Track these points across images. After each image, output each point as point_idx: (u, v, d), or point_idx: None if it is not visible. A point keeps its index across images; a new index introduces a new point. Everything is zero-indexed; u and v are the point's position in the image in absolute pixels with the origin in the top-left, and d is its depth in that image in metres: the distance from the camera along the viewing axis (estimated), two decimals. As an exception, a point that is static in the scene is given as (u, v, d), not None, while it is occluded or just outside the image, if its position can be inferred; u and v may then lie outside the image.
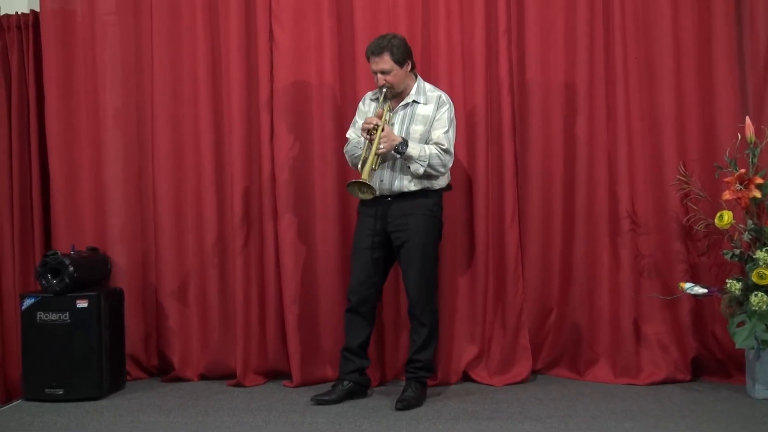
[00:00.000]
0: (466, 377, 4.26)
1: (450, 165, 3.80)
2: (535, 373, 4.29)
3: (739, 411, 3.67)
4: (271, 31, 4.26)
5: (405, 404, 3.76)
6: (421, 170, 3.70)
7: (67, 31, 4.43)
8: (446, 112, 3.80)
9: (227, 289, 4.37)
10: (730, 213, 3.88)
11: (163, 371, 4.46)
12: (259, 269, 4.34)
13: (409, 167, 3.72)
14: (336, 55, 4.27)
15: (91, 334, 4.04)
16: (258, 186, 4.33)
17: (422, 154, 3.70)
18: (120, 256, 4.44)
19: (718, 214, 3.89)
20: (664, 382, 4.10)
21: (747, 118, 3.95)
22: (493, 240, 4.26)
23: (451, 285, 4.23)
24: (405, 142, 3.70)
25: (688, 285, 3.97)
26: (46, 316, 4.03)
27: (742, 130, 3.93)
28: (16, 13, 4.52)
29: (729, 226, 3.88)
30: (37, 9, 4.46)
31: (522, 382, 4.18)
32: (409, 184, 3.76)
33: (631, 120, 4.20)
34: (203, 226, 4.38)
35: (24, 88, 4.48)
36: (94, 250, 4.36)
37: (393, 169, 3.77)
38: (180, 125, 4.41)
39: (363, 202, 3.81)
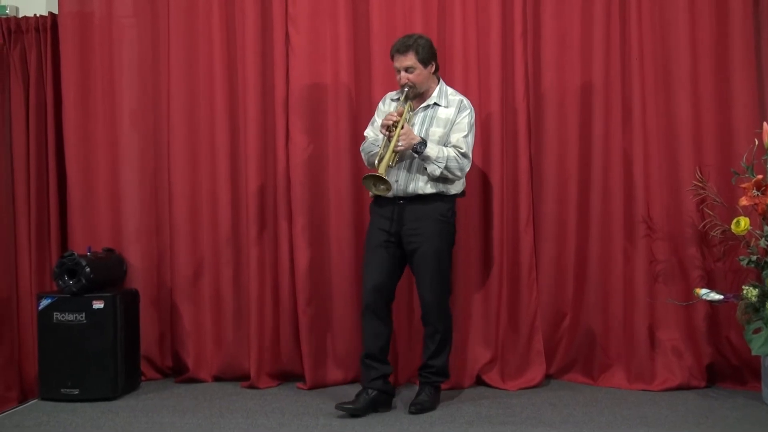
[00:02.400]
0: (479, 381, 4.25)
1: (467, 170, 3.77)
2: (548, 377, 4.28)
3: (754, 418, 3.65)
4: (287, 33, 4.27)
5: (419, 408, 3.76)
6: (438, 171, 3.67)
7: (84, 33, 4.45)
8: (467, 117, 3.77)
9: (241, 290, 4.38)
10: (747, 219, 3.85)
11: (178, 372, 4.48)
12: (273, 270, 4.35)
13: (425, 168, 3.70)
14: (351, 57, 4.27)
15: (106, 334, 4.06)
16: (273, 187, 4.34)
17: (440, 155, 3.67)
18: (135, 257, 4.46)
19: (735, 220, 3.87)
20: (678, 389, 4.09)
21: (765, 123, 3.92)
22: (507, 244, 4.25)
23: (466, 289, 4.22)
24: (424, 142, 3.67)
25: (703, 291, 3.95)
26: (63, 317, 4.06)
27: (760, 135, 3.90)
28: (35, 15, 4.54)
29: (745, 232, 3.86)
30: (56, 11, 4.48)
31: (536, 386, 4.18)
32: (425, 186, 3.72)
33: (647, 124, 4.18)
34: (218, 228, 4.40)
35: (42, 90, 4.51)
36: (109, 251, 4.39)
37: (409, 170, 3.73)
38: (196, 127, 4.43)
39: (376, 202, 3.80)
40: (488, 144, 4.24)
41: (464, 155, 3.73)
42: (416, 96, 3.79)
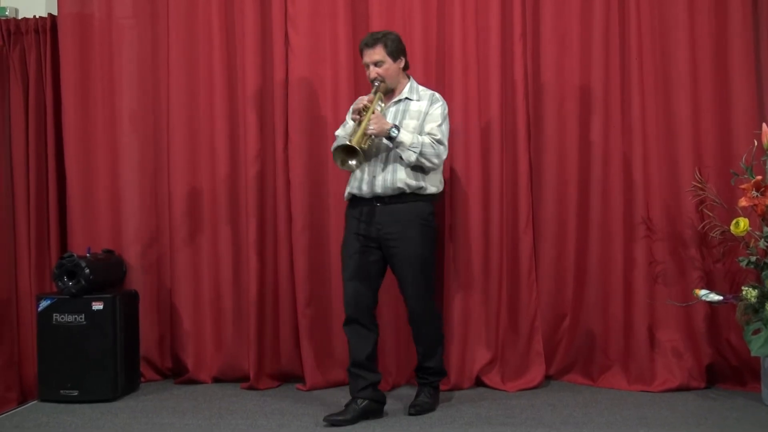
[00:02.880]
0: (479, 382, 4.24)
1: (444, 157, 3.68)
2: (548, 378, 4.28)
3: (754, 419, 3.64)
4: (286, 34, 4.28)
5: (418, 409, 3.74)
6: (414, 157, 3.57)
7: (84, 35, 4.45)
8: (439, 108, 3.71)
9: (241, 291, 4.38)
10: (746, 220, 3.84)
11: (177, 373, 4.47)
12: (272, 272, 4.35)
13: (401, 158, 3.60)
14: (351, 58, 4.26)
15: (106, 335, 4.06)
16: (272, 188, 4.34)
17: (414, 141, 3.59)
18: (135, 258, 4.47)
19: (734, 221, 3.86)
20: (678, 390, 4.08)
21: (764, 124, 3.91)
22: (507, 245, 4.24)
23: (465, 290, 4.21)
24: (396, 128, 3.58)
25: (703, 292, 3.94)
26: (62, 318, 4.06)
27: (759, 136, 3.90)
28: (34, 16, 4.54)
29: (745, 233, 3.85)
30: (55, 12, 4.48)
31: (535, 387, 4.17)
32: (404, 178, 3.61)
33: (647, 126, 4.17)
34: (218, 229, 4.40)
35: (41, 92, 4.51)
36: (109, 252, 4.39)
37: (385, 164, 3.64)
38: (195, 128, 4.43)
39: (352, 204, 3.73)
40: (488, 144, 4.23)
41: (439, 142, 3.65)
42: (387, 91, 3.73)
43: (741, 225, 3.84)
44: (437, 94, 3.78)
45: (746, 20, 4.12)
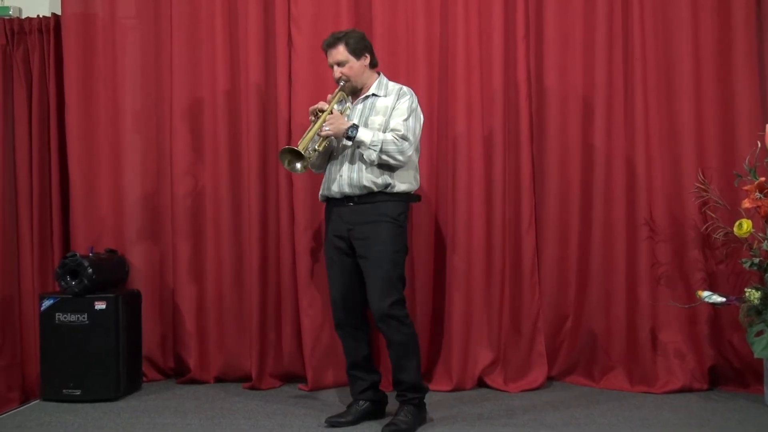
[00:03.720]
0: (481, 383, 4.24)
1: (409, 153, 3.51)
2: (550, 379, 4.28)
3: (756, 421, 3.64)
4: (289, 34, 4.28)
5: (393, 429, 3.51)
6: (374, 156, 3.45)
7: (87, 35, 4.46)
8: (406, 102, 3.57)
9: (243, 291, 4.38)
10: (749, 221, 3.84)
11: (179, 373, 4.48)
12: (275, 272, 4.35)
13: (363, 156, 3.51)
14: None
15: (108, 335, 4.06)
16: (275, 189, 4.33)
17: (375, 139, 3.46)
18: (138, 258, 4.47)
19: (737, 223, 3.85)
20: (680, 391, 4.07)
21: (767, 126, 3.91)
22: (509, 246, 4.25)
23: (467, 290, 4.20)
24: (355, 127, 3.48)
25: (706, 293, 3.94)
26: (65, 317, 4.06)
27: (762, 138, 3.90)
28: (38, 16, 4.55)
29: (748, 234, 3.84)
30: (59, 12, 4.48)
31: (537, 388, 4.17)
32: (369, 176, 3.50)
33: (650, 127, 4.17)
34: (220, 229, 4.40)
35: (44, 91, 4.51)
36: (112, 252, 4.39)
37: (351, 161, 3.55)
38: (198, 128, 4.43)
39: (328, 208, 3.67)
40: (490, 145, 4.23)
41: (403, 137, 3.49)
42: (353, 91, 3.66)
43: (744, 226, 3.83)
44: (405, 88, 3.65)
45: (750, 20, 4.12)
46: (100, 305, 4.05)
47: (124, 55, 4.47)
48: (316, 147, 3.49)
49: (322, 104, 3.55)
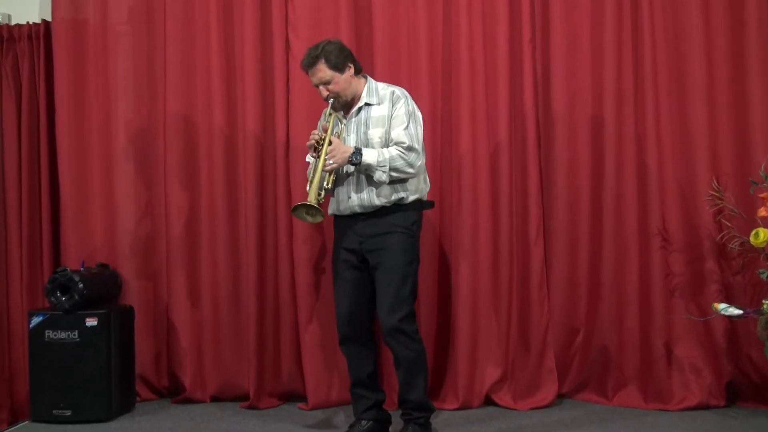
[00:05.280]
0: (488, 401, 4.16)
1: (419, 163, 3.44)
2: (561, 397, 4.20)
3: (777, 439, 3.54)
4: (287, 39, 4.23)
5: None
6: (385, 177, 3.38)
7: (78, 42, 4.43)
8: (402, 107, 3.46)
9: (240, 306, 4.32)
10: (766, 230, 3.73)
11: (174, 392, 4.41)
12: (273, 286, 4.28)
13: (373, 178, 3.42)
14: (354, 65, 4.20)
15: (100, 353, 4.00)
16: (273, 199, 4.27)
17: (381, 159, 3.37)
18: (130, 272, 4.42)
19: (754, 232, 3.75)
20: (697, 408, 3.98)
21: (784, 130, 3.84)
22: (517, 257, 4.17)
23: (473, 304, 4.13)
24: (358, 151, 3.39)
25: (722, 306, 3.82)
26: (55, 335, 4.01)
27: (779, 143, 3.83)
28: (27, 23, 4.52)
29: (765, 244, 3.73)
30: (49, 19, 4.45)
31: (547, 406, 4.09)
32: (380, 198, 3.43)
33: (662, 133, 4.09)
34: (216, 242, 4.34)
35: (34, 100, 4.48)
36: (104, 266, 4.34)
37: (358, 182, 3.47)
38: (193, 137, 4.38)
39: (338, 220, 3.61)
40: (496, 153, 4.16)
41: (409, 149, 3.40)
42: (345, 105, 3.55)
43: (761, 236, 3.72)
44: (398, 91, 3.54)
45: (763, 18, 4.02)
46: (92, 322, 4.00)
47: (116, 63, 4.43)
48: (326, 186, 3.42)
49: (318, 135, 3.44)
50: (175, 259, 4.34)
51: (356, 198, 3.47)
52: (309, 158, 3.60)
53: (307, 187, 3.39)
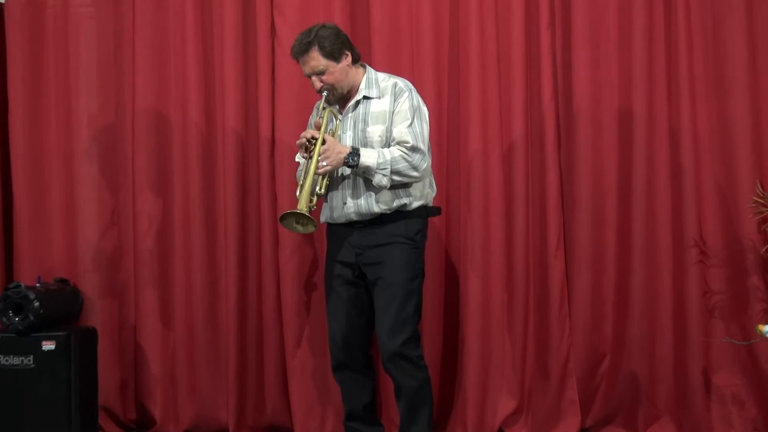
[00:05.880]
0: (502, 436, 3.98)
1: (424, 165, 3.28)
2: (584, 431, 3.98)
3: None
4: (272, 23, 4.03)
5: None
6: (385, 181, 3.19)
7: (35, 26, 4.20)
8: (406, 101, 3.27)
9: (219, 328, 4.12)
10: (818, 242, 3.59)
11: (143, 426, 4.19)
12: (256, 305, 4.09)
13: (372, 182, 3.24)
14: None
15: (58, 381, 3.81)
16: (256, 207, 4.08)
17: (382, 160, 3.19)
18: (93, 289, 4.21)
19: (805, 243, 3.61)
20: (740, 445, 3.80)
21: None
22: (534, 273, 3.99)
23: (485, 325, 3.92)
24: (355, 152, 3.19)
25: (767, 328, 3.59)
26: (7, 360, 3.82)
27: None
28: (-23, 4, 4.32)
29: (818, 257, 3.58)
30: (2, 0, 4.23)
31: (569, 442, 3.89)
32: (380, 202, 3.26)
33: (698, 131, 3.91)
34: (191, 255, 4.12)
35: (-16, 92, 4.28)
36: (63, 281, 4.13)
37: (356, 186, 3.30)
38: (165, 134, 4.15)
39: (330, 228, 3.45)
40: (510, 155, 3.97)
41: (413, 149, 3.22)
42: (341, 98, 3.37)
43: (813, 248, 3.57)
44: (401, 82, 3.36)
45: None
46: (49, 345, 3.80)
47: (78, 49, 4.21)
48: (318, 191, 3.23)
49: (310, 133, 3.23)
50: (143, 274, 4.13)
51: (353, 204, 3.30)
52: (299, 159, 3.43)
53: (297, 193, 3.21)
